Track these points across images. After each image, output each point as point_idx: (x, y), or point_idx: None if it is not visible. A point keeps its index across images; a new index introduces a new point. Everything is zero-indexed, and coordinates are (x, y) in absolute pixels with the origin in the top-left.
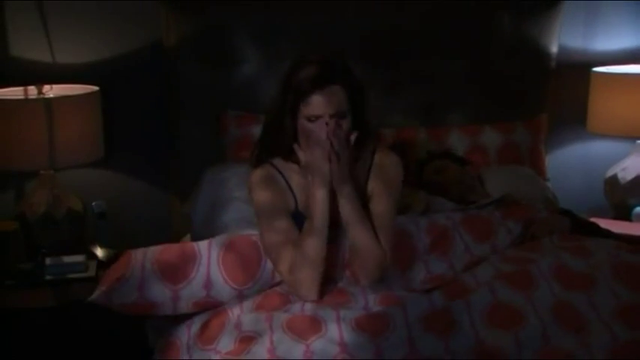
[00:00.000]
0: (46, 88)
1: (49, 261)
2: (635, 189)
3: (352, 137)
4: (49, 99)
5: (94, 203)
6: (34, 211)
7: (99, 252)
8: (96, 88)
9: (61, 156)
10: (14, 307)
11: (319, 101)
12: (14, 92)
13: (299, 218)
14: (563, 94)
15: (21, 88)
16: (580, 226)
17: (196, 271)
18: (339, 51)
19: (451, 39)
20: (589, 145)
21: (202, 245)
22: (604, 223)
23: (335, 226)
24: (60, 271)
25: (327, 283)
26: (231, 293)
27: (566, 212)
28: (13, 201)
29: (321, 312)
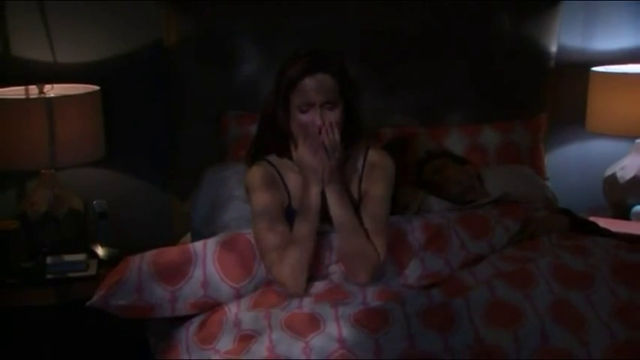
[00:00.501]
0: (47, 87)
1: (50, 260)
2: (633, 188)
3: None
4: (50, 98)
5: (94, 202)
6: (35, 210)
7: (100, 251)
8: (97, 88)
9: (62, 155)
10: (15, 305)
11: (310, 87)
12: (15, 92)
13: (291, 215)
14: (562, 93)
15: (22, 88)
16: (579, 225)
17: (193, 271)
18: (336, 51)
19: (450, 39)
20: (588, 144)
21: (198, 245)
22: (603, 222)
23: (329, 221)
24: (61, 269)
25: (324, 279)
26: (228, 291)
27: (565, 211)
28: (14, 200)
29: (319, 309)
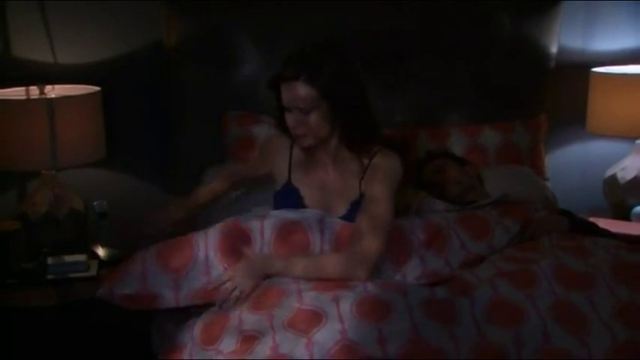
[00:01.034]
0: (47, 88)
1: (50, 260)
2: (634, 189)
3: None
4: (51, 99)
5: (95, 203)
6: (35, 211)
7: (100, 251)
8: (97, 89)
9: (63, 156)
10: (16, 306)
11: (283, 94)
12: (16, 92)
13: (287, 193)
14: (562, 94)
15: (23, 89)
16: (579, 226)
17: (195, 259)
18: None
19: (451, 39)
20: (588, 145)
21: (199, 235)
22: (603, 223)
23: (327, 210)
24: (61, 270)
25: None
26: None
27: (565, 212)
28: (15, 201)
29: (319, 303)
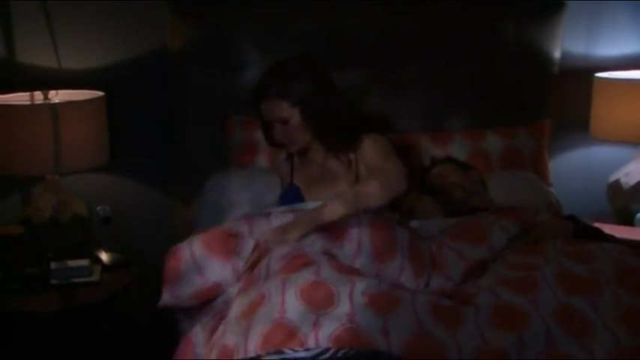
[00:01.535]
0: (51, 93)
1: (54, 265)
2: (638, 194)
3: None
4: (55, 104)
5: (98, 208)
6: (39, 216)
7: (104, 256)
8: (101, 94)
9: (67, 161)
10: (19, 310)
11: (262, 110)
12: (20, 98)
13: (291, 191)
14: (566, 99)
15: (27, 94)
16: (583, 230)
17: (243, 244)
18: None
19: (454, 44)
20: (592, 150)
21: (239, 223)
22: (607, 229)
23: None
24: (65, 275)
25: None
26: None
27: (570, 217)
28: (18, 205)
29: (335, 280)
